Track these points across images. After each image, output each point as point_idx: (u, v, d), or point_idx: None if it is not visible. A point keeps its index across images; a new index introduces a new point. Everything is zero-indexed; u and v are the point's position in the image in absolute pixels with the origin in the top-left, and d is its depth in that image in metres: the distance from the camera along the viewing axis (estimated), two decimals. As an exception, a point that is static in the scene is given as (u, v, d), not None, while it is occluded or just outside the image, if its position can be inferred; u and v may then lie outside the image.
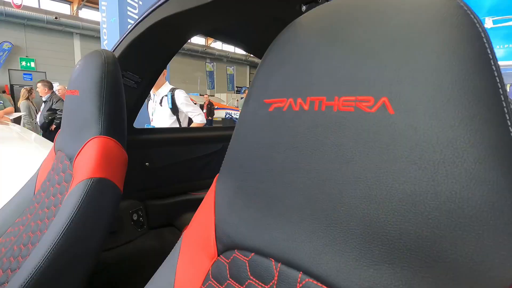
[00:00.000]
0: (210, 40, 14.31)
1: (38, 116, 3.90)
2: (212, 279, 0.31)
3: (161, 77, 1.99)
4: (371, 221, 0.21)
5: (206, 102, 8.60)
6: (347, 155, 0.23)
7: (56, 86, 4.20)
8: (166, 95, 1.98)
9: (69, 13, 12.31)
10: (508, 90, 0.19)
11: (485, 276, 0.17)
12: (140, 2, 4.36)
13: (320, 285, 0.23)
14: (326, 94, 0.24)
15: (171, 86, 2.00)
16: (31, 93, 4.56)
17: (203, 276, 0.32)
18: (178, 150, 1.14)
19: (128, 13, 4.31)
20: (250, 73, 18.44)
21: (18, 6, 8.42)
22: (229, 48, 15.70)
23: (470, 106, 0.19)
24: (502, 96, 0.19)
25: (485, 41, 0.19)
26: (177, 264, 0.35)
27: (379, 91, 0.22)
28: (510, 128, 0.18)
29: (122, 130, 0.63)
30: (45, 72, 11.08)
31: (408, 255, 0.19)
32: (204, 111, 7.99)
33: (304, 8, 0.66)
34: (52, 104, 3.75)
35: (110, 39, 4.37)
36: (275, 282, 0.26)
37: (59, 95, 3.99)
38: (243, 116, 0.32)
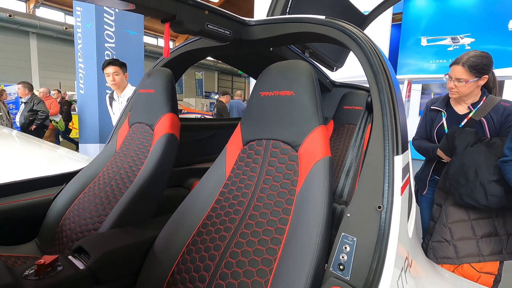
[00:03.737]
0: (178, 43, 14.50)
1: (17, 116, 4.05)
2: (241, 154, 0.90)
3: (124, 80, 2.29)
4: (289, 123, 0.82)
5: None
6: (283, 107, 0.85)
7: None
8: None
9: (24, 11, 11.66)
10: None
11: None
12: (117, 10, 4.60)
13: (277, 141, 0.84)
14: (277, 90, 0.86)
15: (134, 87, 2.12)
16: (2, 94, 4.62)
17: (237, 156, 0.91)
18: (184, 134, 1.69)
19: (105, 19, 4.50)
20: (218, 78, 18.75)
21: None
22: (196, 54, 15.99)
23: (310, 91, 0.81)
24: (316, 91, 0.81)
25: (314, 79, 0.82)
26: (226, 158, 0.93)
27: (290, 89, 0.84)
28: (316, 97, 0.81)
29: (177, 109, 1.18)
30: (-4, 73, 10.42)
31: (290, 131, 0.81)
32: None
33: (271, 49, 1.29)
34: (33, 105, 3.94)
35: (86, 43, 4.50)
36: (264, 145, 0.87)
37: (40, 97, 4.17)
38: (252, 98, 0.92)
